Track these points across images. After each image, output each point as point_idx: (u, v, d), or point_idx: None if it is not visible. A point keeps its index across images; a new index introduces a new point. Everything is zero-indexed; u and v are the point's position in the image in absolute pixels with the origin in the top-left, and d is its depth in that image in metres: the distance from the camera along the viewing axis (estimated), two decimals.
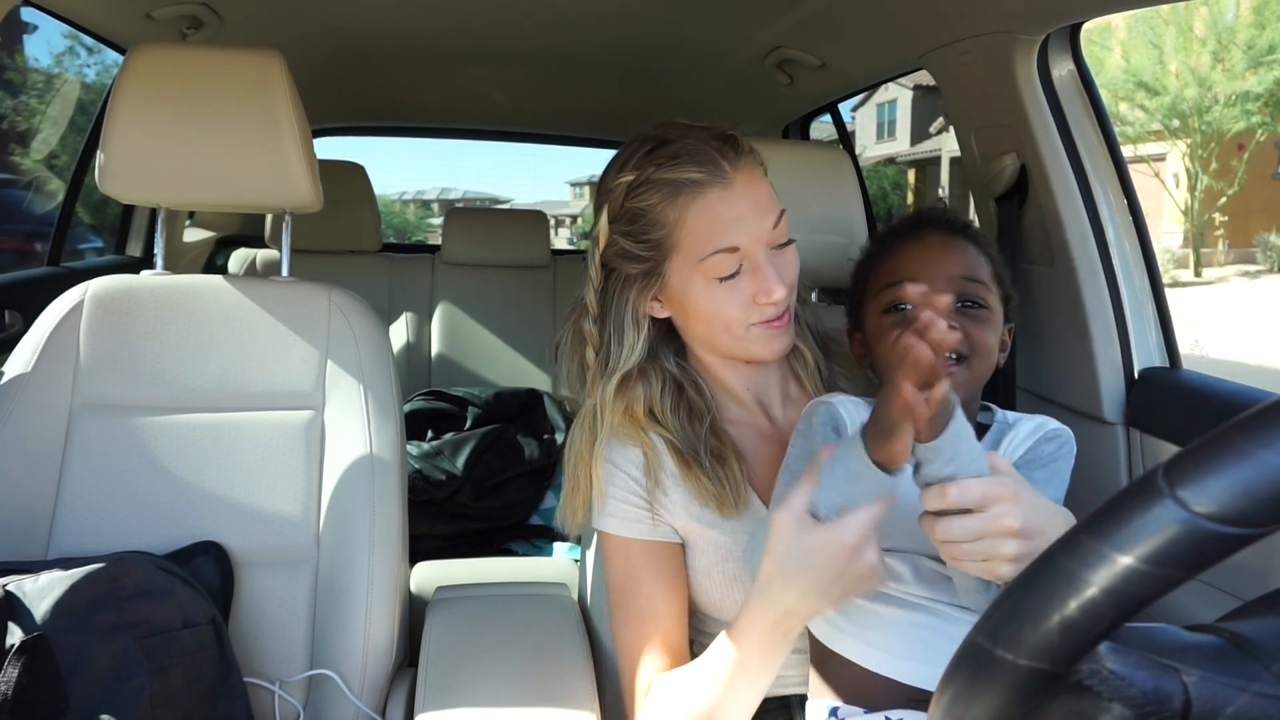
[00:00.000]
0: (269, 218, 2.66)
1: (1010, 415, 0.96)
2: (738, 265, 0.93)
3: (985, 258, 0.95)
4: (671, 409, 1.02)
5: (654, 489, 0.99)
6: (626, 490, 1.00)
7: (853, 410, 0.93)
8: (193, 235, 3.07)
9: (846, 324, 1.04)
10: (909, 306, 0.90)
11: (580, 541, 1.56)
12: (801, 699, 0.99)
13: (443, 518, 2.11)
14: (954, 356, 0.88)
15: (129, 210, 2.52)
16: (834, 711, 0.92)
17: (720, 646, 0.87)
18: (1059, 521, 0.75)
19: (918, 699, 0.87)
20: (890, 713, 0.88)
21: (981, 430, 0.94)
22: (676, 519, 1.01)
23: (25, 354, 1.23)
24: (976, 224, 1.11)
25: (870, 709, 0.89)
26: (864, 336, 0.97)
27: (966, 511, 0.72)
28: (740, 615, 0.85)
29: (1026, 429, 0.93)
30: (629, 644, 0.98)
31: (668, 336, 1.06)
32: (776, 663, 0.85)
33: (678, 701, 0.90)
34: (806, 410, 0.95)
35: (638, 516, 1.00)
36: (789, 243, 0.98)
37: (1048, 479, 0.89)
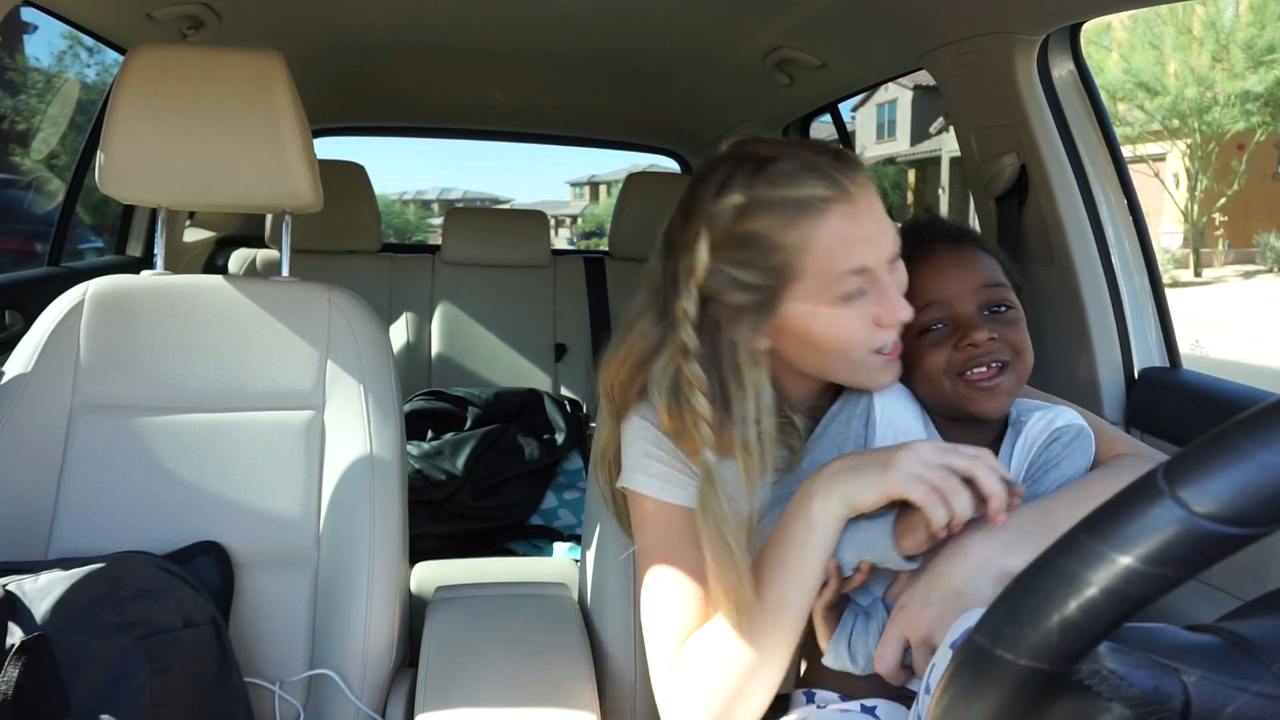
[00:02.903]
0: (269, 218, 2.66)
1: (1025, 408, 0.96)
2: (865, 287, 0.87)
3: (993, 257, 0.97)
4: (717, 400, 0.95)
5: (673, 458, 0.95)
6: (667, 452, 0.95)
7: (889, 401, 0.94)
8: (193, 235, 3.07)
9: None
10: (941, 325, 0.92)
11: (580, 541, 1.56)
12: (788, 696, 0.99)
13: (443, 518, 2.11)
14: (999, 364, 0.90)
15: (129, 210, 2.52)
16: (811, 697, 0.92)
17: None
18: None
19: (893, 690, 0.87)
20: (866, 701, 0.88)
21: (1001, 427, 0.96)
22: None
23: (25, 354, 1.23)
24: (976, 225, 1.11)
25: (849, 697, 0.90)
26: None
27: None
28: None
29: (1035, 432, 0.93)
30: (662, 618, 0.93)
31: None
32: (803, 579, 0.85)
33: (709, 658, 0.88)
34: (846, 395, 0.96)
35: (681, 482, 0.94)
36: (899, 260, 0.92)
37: (1057, 479, 0.90)
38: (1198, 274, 16.59)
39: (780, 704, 0.97)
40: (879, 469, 0.80)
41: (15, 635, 0.93)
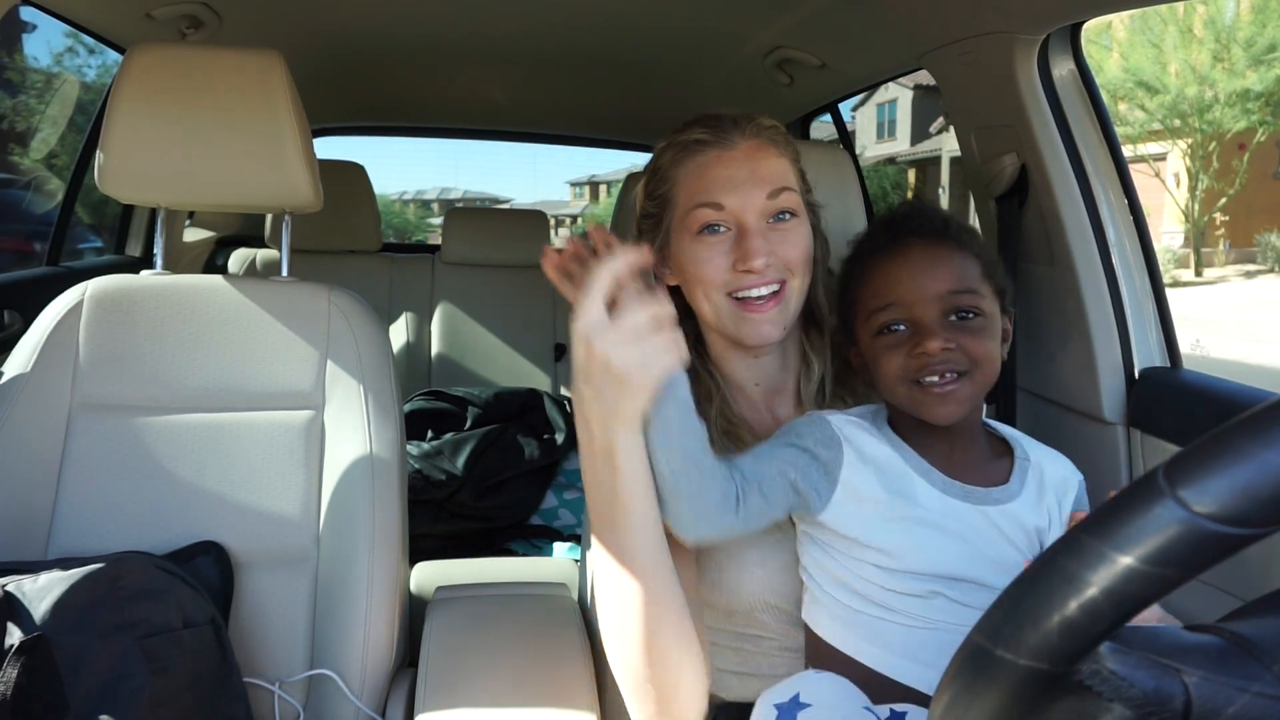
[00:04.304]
0: (269, 218, 2.66)
1: (1028, 447, 0.96)
2: (721, 224, 0.96)
3: (973, 257, 0.92)
4: None
5: None
6: None
7: (841, 423, 0.93)
8: (193, 235, 3.07)
9: (838, 335, 1.03)
10: (901, 327, 0.90)
11: (580, 541, 1.56)
12: None
13: (443, 518, 2.11)
14: (955, 374, 0.87)
15: (129, 210, 2.52)
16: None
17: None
18: None
19: (908, 698, 0.86)
20: (896, 706, 0.87)
21: (1005, 452, 0.95)
22: None
23: (24, 354, 1.22)
24: (976, 225, 1.09)
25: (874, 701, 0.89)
26: (860, 353, 0.97)
27: None
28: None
29: (1058, 476, 0.93)
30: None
31: (692, 326, 1.06)
32: (624, 497, 0.83)
33: (601, 602, 0.90)
34: (803, 420, 0.95)
35: None
36: (790, 222, 0.98)
37: None
38: (1198, 274, 16.58)
39: None
40: (620, 391, 0.79)
41: (15, 636, 0.93)
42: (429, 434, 2.23)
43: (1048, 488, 0.92)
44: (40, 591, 0.98)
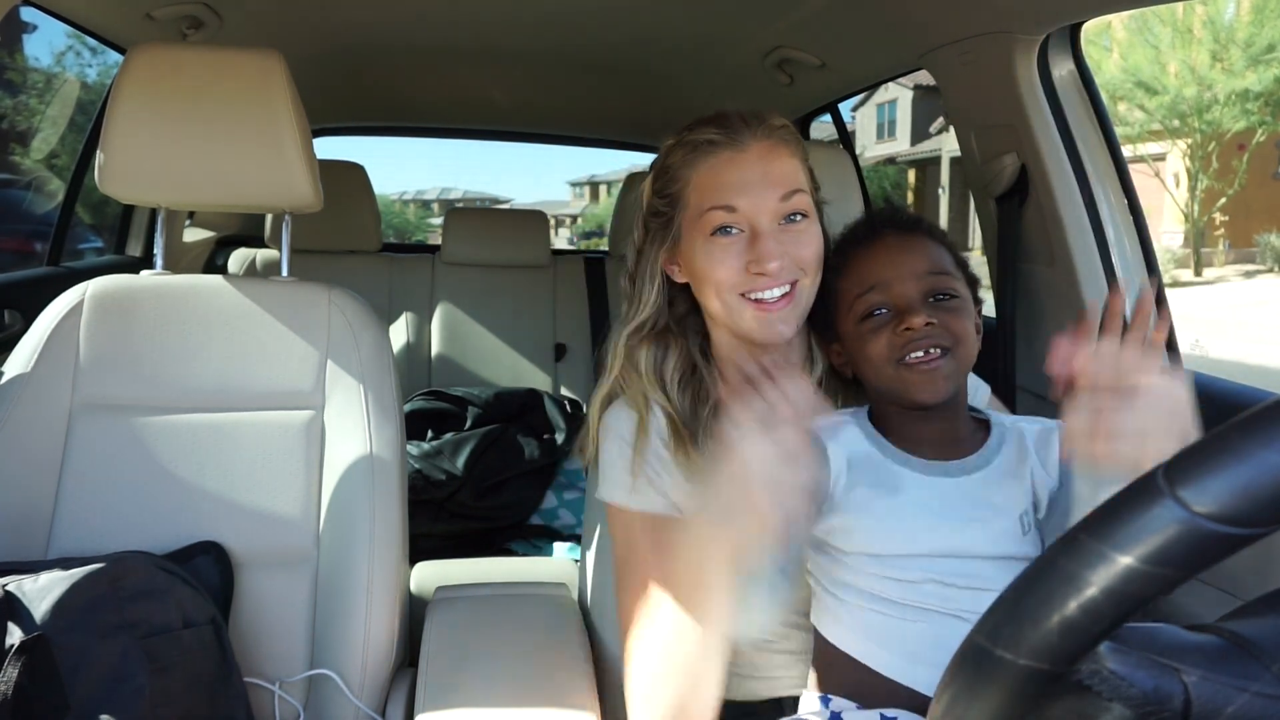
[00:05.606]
0: (269, 218, 2.66)
1: (1004, 418, 0.97)
2: (734, 226, 0.96)
3: (945, 248, 0.96)
4: (680, 384, 1.04)
5: (639, 458, 1.00)
6: (624, 459, 1.02)
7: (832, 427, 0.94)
8: (193, 235, 3.07)
9: (816, 338, 1.05)
10: (884, 311, 0.92)
11: (580, 541, 1.56)
12: (794, 700, 0.99)
13: (443, 518, 2.11)
14: (939, 350, 0.89)
15: (129, 210, 2.52)
16: (827, 702, 0.92)
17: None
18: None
19: (917, 703, 0.87)
20: (886, 711, 0.88)
21: (982, 430, 0.95)
22: (679, 499, 1.01)
23: (25, 354, 1.23)
24: (976, 225, 1.10)
25: (866, 705, 0.89)
26: (842, 347, 0.98)
27: None
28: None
29: (1035, 433, 0.94)
30: (627, 615, 0.98)
31: (699, 323, 1.08)
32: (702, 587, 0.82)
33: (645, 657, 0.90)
34: None
35: (636, 487, 1.01)
36: (802, 223, 0.98)
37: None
38: (1198, 274, 16.58)
39: (791, 709, 0.97)
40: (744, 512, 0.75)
41: (15, 635, 0.93)
42: (429, 434, 2.23)
43: (1029, 443, 0.93)
44: (41, 591, 0.98)
